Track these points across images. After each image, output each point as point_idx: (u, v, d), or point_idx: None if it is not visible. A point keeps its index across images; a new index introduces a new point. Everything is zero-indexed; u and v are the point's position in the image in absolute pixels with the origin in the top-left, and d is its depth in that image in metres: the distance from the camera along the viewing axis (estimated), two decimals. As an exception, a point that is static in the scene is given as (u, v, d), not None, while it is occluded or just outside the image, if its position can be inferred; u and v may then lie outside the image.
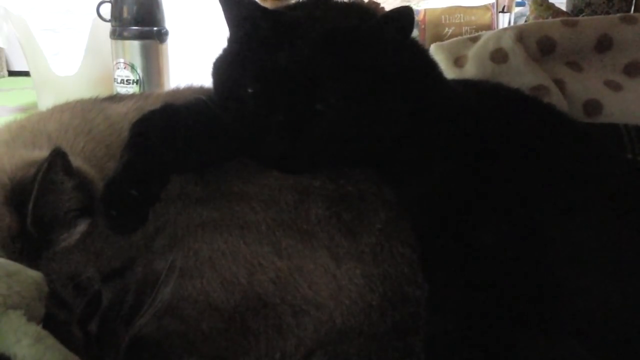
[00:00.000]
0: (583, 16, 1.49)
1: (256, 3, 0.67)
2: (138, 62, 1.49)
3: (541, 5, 1.50)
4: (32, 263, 0.56)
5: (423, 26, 1.65)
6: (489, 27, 1.63)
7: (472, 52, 1.08)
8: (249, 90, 0.66)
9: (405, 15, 0.65)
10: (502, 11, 1.81)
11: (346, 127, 0.65)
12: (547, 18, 1.43)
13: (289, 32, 0.65)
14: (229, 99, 0.69)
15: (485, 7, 1.68)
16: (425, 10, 1.67)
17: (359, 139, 0.66)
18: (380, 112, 0.66)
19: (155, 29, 1.49)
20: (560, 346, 0.59)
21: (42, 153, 0.64)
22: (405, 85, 0.68)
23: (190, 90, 0.87)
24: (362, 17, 0.70)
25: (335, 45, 0.64)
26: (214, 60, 0.73)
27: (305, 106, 0.64)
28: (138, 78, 1.50)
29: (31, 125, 0.73)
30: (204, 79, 0.81)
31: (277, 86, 0.64)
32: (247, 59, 0.66)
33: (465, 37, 1.19)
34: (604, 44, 1.07)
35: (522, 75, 1.01)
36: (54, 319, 0.56)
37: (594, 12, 1.57)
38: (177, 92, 0.87)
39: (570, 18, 1.25)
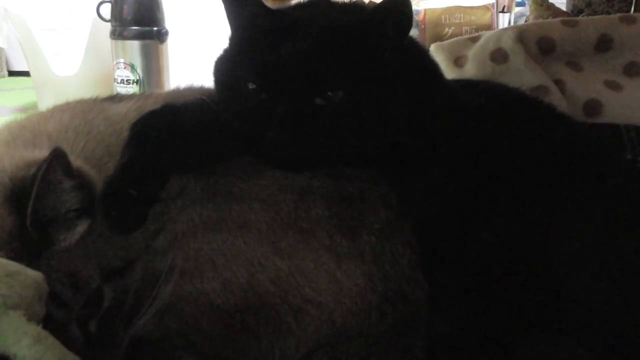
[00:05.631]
0: (583, 16, 1.49)
1: (258, 1, 0.68)
2: (138, 62, 1.49)
3: (541, 5, 1.50)
4: (31, 263, 0.56)
5: (423, 26, 1.65)
6: (489, 27, 1.63)
7: (472, 52, 1.08)
8: (250, 86, 0.66)
9: (399, 5, 0.65)
10: (502, 11, 1.81)
11: (345, 122, 0.65)
12: (547, 18, 1.43)
13: (290, 29, 0.65)
14: (231, 96, 0.69)
15: (485, 7, 1.69)
16: (425, 10, 1.67)
17: (359, 135, 0.66)
18: (380, 108, 0.66)
19: (155, 29, 1.49)
20: (560, 346, 0.59)
21: (42, 153, 0.64)
22: (405, 84, 0.68)
23: (190, 90, 0.87)
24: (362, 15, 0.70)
25: (333, 42, 0.65)
26: (215, 59, 0.73)
27: (305, 101, 0.64)
28: (138, 78, 1.50)
29: (31, 125, 0.73)
30: (204, 79, 0.81)
31: (277, 81, 0.64)
32: (249, 55, 0.67)
33: (465, 37, 1.19)
34: (604, 44, 1.07)
35: (522, 75, 1.01)
36: (53, 319, 0.56)
37: (594, 12, 1.57)
38: (177, 92, 0.87)
39: (570, 18, 1.25)
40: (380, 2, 0.68)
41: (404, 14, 0.66)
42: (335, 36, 0.65)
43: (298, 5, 0.76)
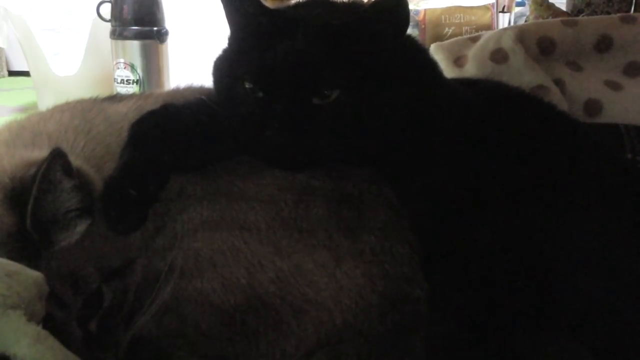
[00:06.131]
0: (583, 16, 1.49)
1: (257, 0, 0.68)
2: (138, 62, 1.49)
3: (541, 5, 1.50)
4: (31, 263, 0.56)
5: (423, 26, 1.65)
6: (489, 27, 1.63)
7: (472, 52, 1.08)
8: (248, 86, 0.66)
9: (395, 3, 0.65)
10: (502, 11, 1.81)
11: (343, 121, 0.65)
12: (547, 18, 1.43)
13: (287, 28, 0.65)
14: (229, 96, 0.69)
15: (485, 7, 1.69)
16: (425, 10, 1.67)
17: (357, 133, 0.66)
18: (378, 107, 0.66)
19: (155, 29, 1.49)
20: (560, 346, 0.59)
21: (42, 153, 0.64)
22: (404, 83, 0.68)
23: (190, 90, 0.87)
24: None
25: (330, 40, 0.65)
26: (214, 59, 0.73)
27: (302, 100, 0.64)
28: (138, 78, 1.50)
29: (31, 125, 0.73)
30: (204, 79, 0.81)
31: (274, 80, 0.64)
32: (246, 55, 0.67)
33: (465, 37, 1.19)
34: (604, 44, 1.07)
35: (522, 75, 1.01)
36: (53, 319, 0.56)
37: (594, 12, 1.57)
38: (177, 92, 0.87)
39: (570, 18, 1.25)
40: (376, 0, 0.68)
41: (401, 12, 0.66)
42: (331, 35, 0.65)
43: (297, 4, 0.76)
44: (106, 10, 1.51)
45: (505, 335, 0.60)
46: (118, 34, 1.48)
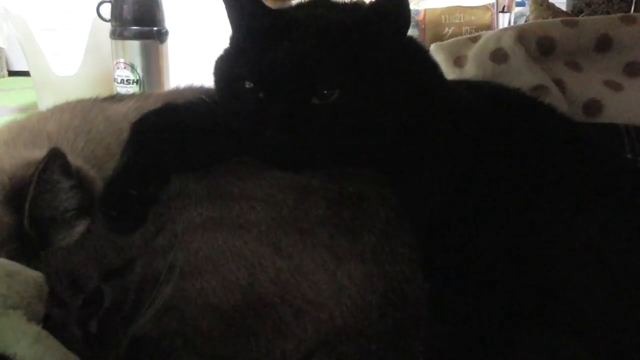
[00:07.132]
0: (583, 16, 1.49)
1: (258, 0, 0.68)
2: (138, 62, 1.49)
3: (541, 5, 1.50)
4: (30, 262, 0.56)
5: (423, 26, 1.66)
6: (489, 27, 1.64)
7: (472, 52, 1.08)
8: (248, 85, 0.66)
9: (396, 4, 0.65)
10: (502, 11, 1.81)
11: (342, 121, 0.65)
12: (547, 18, 1.43)
13: (288, 28, 0.66)
14: (229, 95, 0.69)
15: (485, 7, 1.69)
16: (425, 10, 1.67)
17: (356, 134, 0.66)
18: (377, 107, 0.66)
19: (155, 29, 1.49)
20: (560, 346, 0.59)
21: (42, 153, 0.64)
22: (404, 83, 0.68)
23: (190, 90, 0.87)
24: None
25: (330, 40, 0.65)
26: (216, 58, 0.73)
27: (301, 100, 0.64)
28: (138, 78, 1.50)
29: (31, 125, 0.73)
30: (204, 79, 0.81)
31: (274, 80, 0.64)
32: (247, 54, 0.67)
33: (465, 37, 1.19)
34: (604, 44, 1.07)
35: (522, 75, 1.01)
36: (53, 319, 0.56)
37: (594, 12, 1.57)
38: (177, 92, 0.87)
39: (570, 18, 1.25)
40: (377, 1, 0.68)
41: (402, 13, 0.66)
42: (331, 35, 0.65)
43: (298, 5, 0.76)
44: (106, 10, 1.51)
45: (505, 336, 0.60)
46: (118, 34, 1.48)
